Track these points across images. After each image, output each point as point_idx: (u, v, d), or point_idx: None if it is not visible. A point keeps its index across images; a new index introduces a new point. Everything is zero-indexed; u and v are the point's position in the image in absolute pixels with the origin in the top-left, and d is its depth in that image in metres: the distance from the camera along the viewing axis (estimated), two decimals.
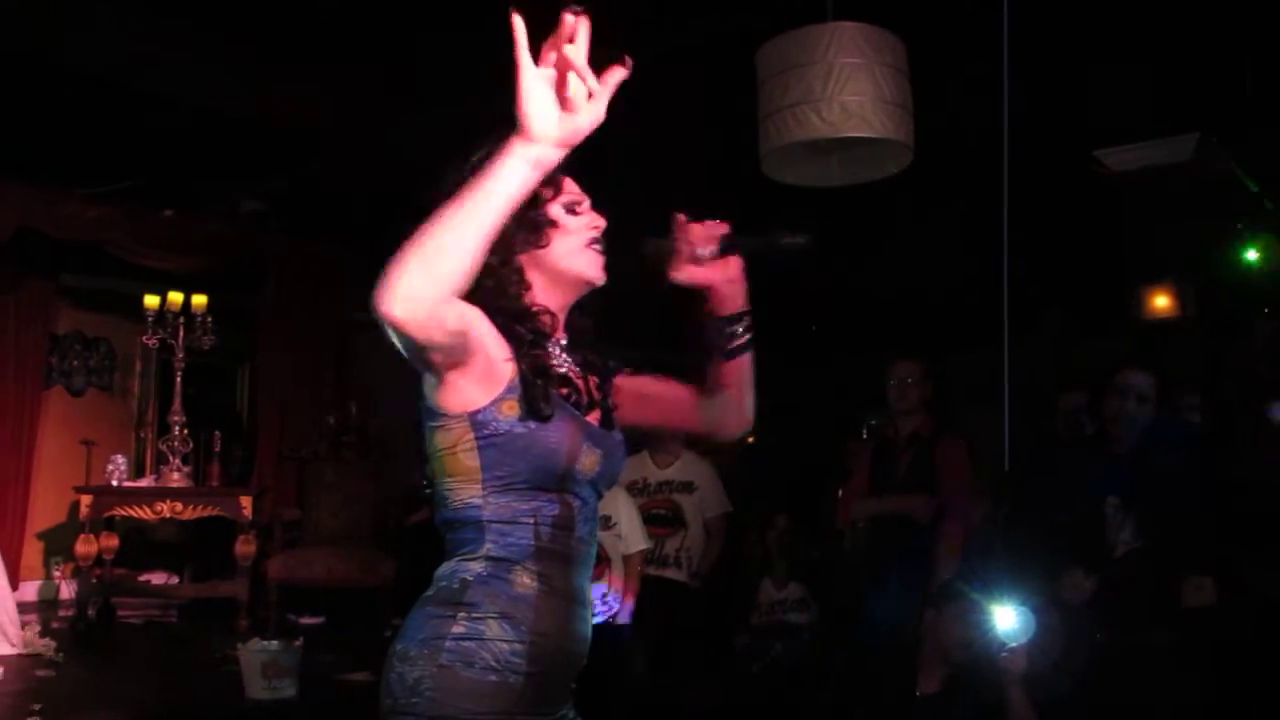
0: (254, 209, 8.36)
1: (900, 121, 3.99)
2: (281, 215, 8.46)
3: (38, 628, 7.00)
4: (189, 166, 7.16)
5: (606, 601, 4.38)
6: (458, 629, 1.75)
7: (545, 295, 1.88)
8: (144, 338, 8.26)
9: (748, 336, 1.96)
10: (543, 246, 1.85)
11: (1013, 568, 3.53)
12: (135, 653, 6.93)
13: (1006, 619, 3.26)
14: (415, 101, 6.00)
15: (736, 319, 1.93)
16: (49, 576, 8.91)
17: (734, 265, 1.89)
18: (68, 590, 8.48)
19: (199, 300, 8.21)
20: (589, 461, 1.82)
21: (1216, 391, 5.08)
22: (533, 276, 1.87)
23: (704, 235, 1.86)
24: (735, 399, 2.03)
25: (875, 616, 4.47)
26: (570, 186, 1.90)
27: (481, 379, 1.75)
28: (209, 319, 8.23)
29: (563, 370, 1.87)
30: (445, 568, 1.84)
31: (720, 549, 5.43)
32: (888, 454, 4.66)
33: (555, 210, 1.87)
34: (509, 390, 1.76)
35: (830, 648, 5.32)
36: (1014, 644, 3.27)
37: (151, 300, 8.07)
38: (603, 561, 4.32)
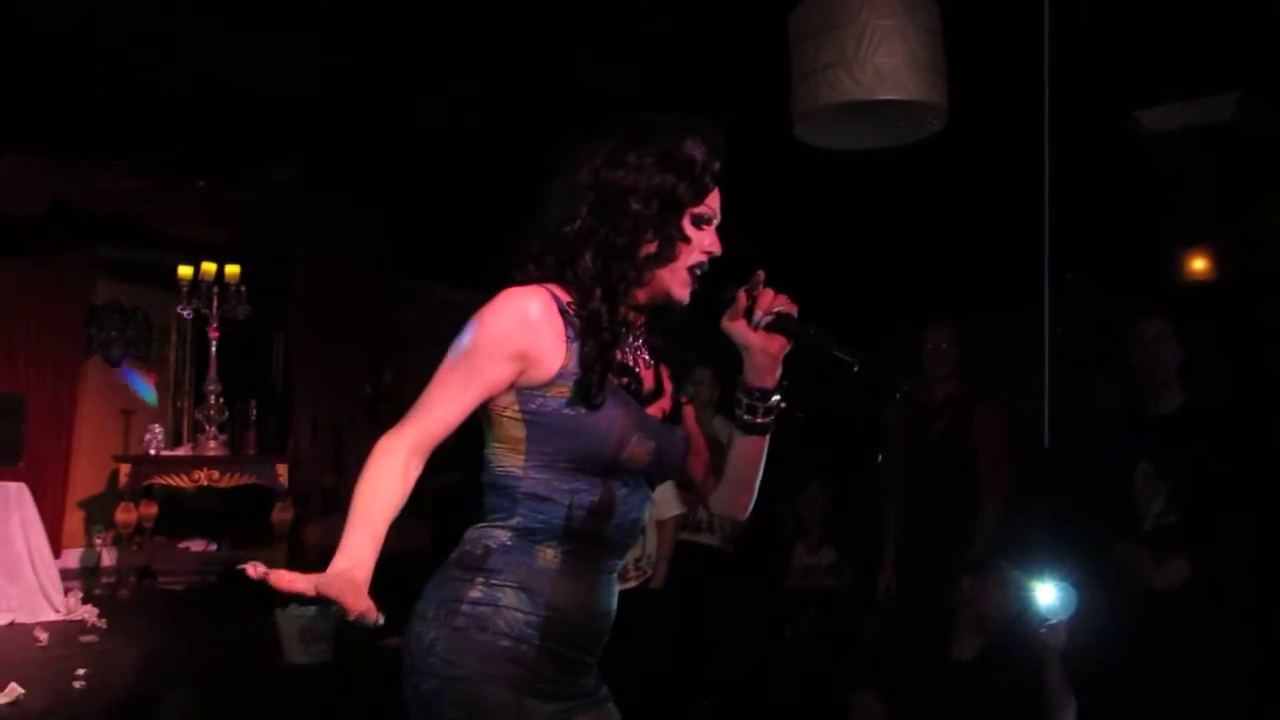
0: (287, 178, 8.38)
1: (933, 84, 3.95)
2: (315, 185, 8.48)
3: (80, 594, 7.12)
4: (222, 138, 7.18)
5: (640, 566, 4.39)
6: (475, 593, 1.77)
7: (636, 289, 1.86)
8: (179, 308, 8.31)
9: (766, 420, 1.89)
10: (671, 260, 1.83)
11: (1052, 543, 3.50)
12: (176, 619, 7.02)
13: (1047, 595, 3.24)
14: (445, 71, 5.99)
15: (759, 394, 1.86)
16: (90, 544, 9.02)
17: (777, 343, 1.82)
18: (109, 558, 8.60)
19: (232, 270, 8.24)
20: (639, 451, 1.80)
21: (1258, 355, 5.01)
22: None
23: (770, 301, 1.81)
24: (737, 483, 1.98)
25: (911, 583, 4.46)
26: (711, 200, 1.86)
27: (532, 370, 1.76)
28: (243, 288, 8.27)
29: (626, 360, 1.86)
30: (473, 531, 1.86)
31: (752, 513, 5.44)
32: (921, 419, 4.64)
33: (687, 223, 1.83)
34: (560, 376, 1.76)
35: (862, 613, 5.32)
36: (1054, 619, 3.25)
37: (185, 271, 8.12)
38: None
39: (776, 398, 1.87)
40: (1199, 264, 6.03)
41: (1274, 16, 4.85)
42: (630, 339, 1.88)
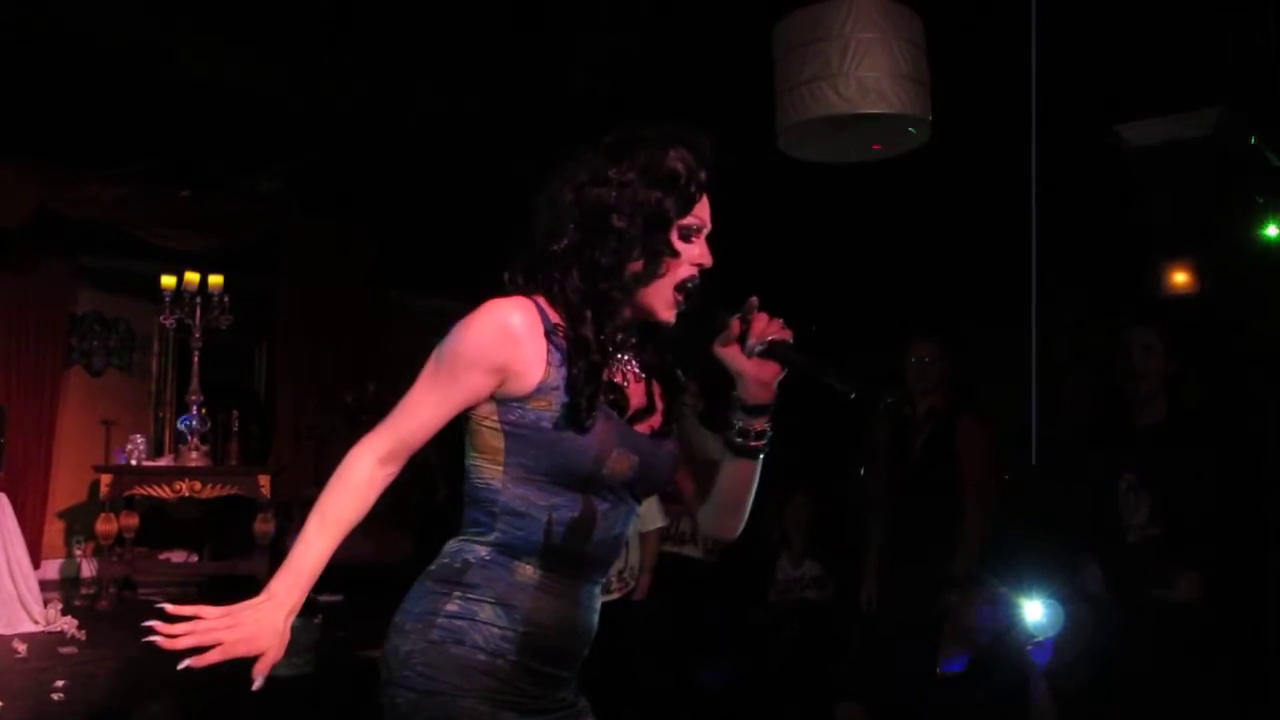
0: (271, 188, 8.37)
1: (917, 97, 3.96)
2: (299, 194, 8.47)
3: (60, 605, 7.06)
4: (206, 147, 7.16)
5: (623, 578, 4.38)
6: (452, 607, 1.76)
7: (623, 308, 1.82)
8: (161, 317, 8.28)
9: (759, 444, 1.84)
10: (660, 276, 1.79)
11: (1036, 558, 3.49)
12: None
13: (1034, 612, 3.24)
14: (432, 80, 5.98)
15: (751, 411, 1.81)
16: (70, 555, 8.98)
17: (770, 370, 1.77)
18: (89, 568, 8.55)
19: (215, 280, 8.20)
20: (620, 465, 1.77)
21: (1236, 368, 5.03)
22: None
23: (763, 328, 1.76)
24: (726, 505, 1.94)
25: (895, 596, 4.46)
26: (699, 210, 1.82)
27: (512, 381, 1.75)
28: (226, 298, 8.24)
29: (613, 376, 1.82)
30: (451, 544, 1.85)
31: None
32: (903, 432, 4.63)
33: (675, 236, 1.79)
34: (539, 390, 1.74)
35: (846, 625, 5.32)
36: (1040, 636, 3.25)
37: (168, 280, 8.09)
38: None
39: (769, 424, 1.83)
40: (1181, 277, 6.05)
41: (1253, 32, 4.89)
42: (620, 355, 1.85)
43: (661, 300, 1.81)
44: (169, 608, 1.67)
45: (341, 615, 6.61)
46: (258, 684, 1.77)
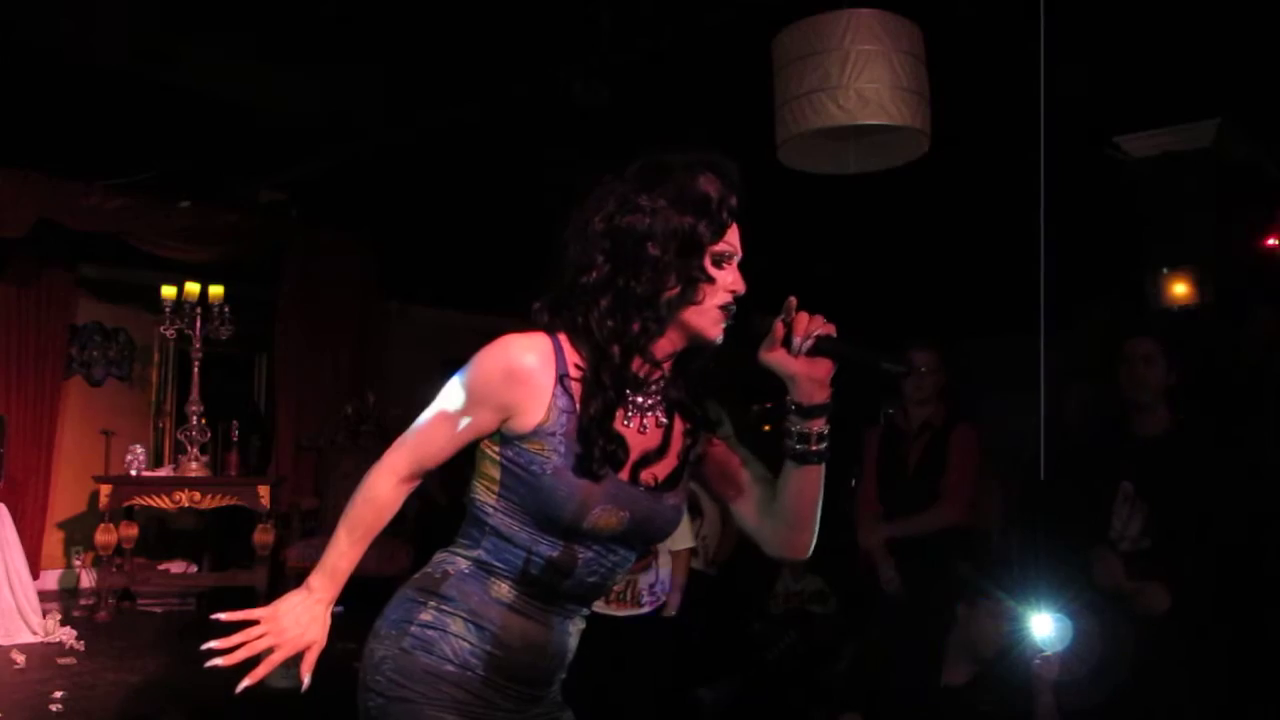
0: (272, 199, 8.37)
1: (917, 109, 3.96)
2: (300, 205, 8.47)
3: (59, 616, 7.05)
4: (207, 158, 7.16)
5: (654, 592, 4.34)
6: (426, 616, 1.80)
7: (660, 339, 1.79)
8: (162, 328, 8.28)
9: (821, 447, 1.77)
10: (697, 303, 1.75)
11: (1044, 571, 3.48)
12: (155, 641, 6.96)
13: (1043, 626, 3.22)
14: (432, 92, 5.99)
15: (808, 413, 1.74)
16: (69, 565, 8.96)
17: (823, 367, 1.71)
18: (88, 579, 8.53)
19: (216, 290, 8.21)
20: (606, 520, 1.75)
21: (1236, 378, 5.03)
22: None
23: (806, 325, 1.71)
24: (794, 522, 1.86)
25: (894, 607, 4.44)
26: (731, 237, 1.79)
27: (514, 419, 1.76)
28: (226, 309, 8.24)
29: (627, 421, 1.79)
30: (439, 554, 1.89)
31: (737, 537, 5.41)
32: (898, 444, 4.62)
33: (709, 262, 1.76)
34: (535, 432, 1.74)
35: (846, 637, 5.31)
36: (1049, 651, 3.23)
37: (169, 291, 8.09)
38: (649, 554, 4.27)
39: (827, 425, 1.76)
40: (1181, 288, 6.06)
41: (1252, 44, 4.90)
42: (642, 397, 1.81)
43: (707, 319, 1.77)
44: (224, 616, 1.78)
45: (343, 627, 6.59)
46: (306, 683, 1.83)
